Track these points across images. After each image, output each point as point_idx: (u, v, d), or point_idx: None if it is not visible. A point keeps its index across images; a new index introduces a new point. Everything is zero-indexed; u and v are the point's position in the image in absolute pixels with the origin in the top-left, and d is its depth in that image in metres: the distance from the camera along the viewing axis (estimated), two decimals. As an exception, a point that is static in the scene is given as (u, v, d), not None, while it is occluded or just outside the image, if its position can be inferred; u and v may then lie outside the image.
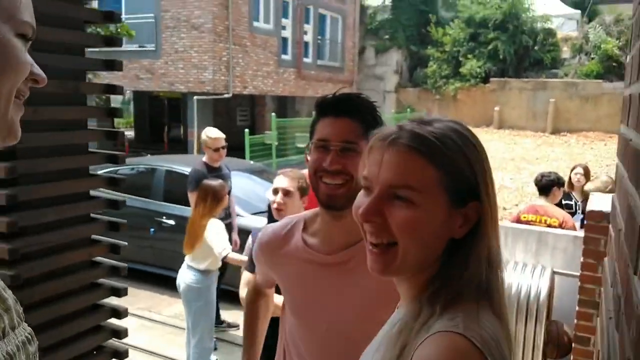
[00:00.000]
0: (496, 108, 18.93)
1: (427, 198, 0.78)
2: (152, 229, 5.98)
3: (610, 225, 1.31)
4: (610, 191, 4.25)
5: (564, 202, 5.04)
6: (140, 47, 14.62)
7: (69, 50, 1.97)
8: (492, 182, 0.83)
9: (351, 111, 1.30)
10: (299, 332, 1.42)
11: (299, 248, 1.40)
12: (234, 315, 5.18)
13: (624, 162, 0.98)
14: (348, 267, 1.32)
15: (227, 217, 4.80)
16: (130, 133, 20.03)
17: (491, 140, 16.81)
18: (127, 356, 2.25)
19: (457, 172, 0.79)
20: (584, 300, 2.89)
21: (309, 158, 1.34)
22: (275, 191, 2.73)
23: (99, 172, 7.21)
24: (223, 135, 4.76)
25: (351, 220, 1.31)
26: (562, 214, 4.35)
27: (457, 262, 0.80)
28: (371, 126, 1.27)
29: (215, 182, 3.85)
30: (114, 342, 2.24)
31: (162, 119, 20.30)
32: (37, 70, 0.68)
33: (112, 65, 2.09)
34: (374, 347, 0.89)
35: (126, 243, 2.23)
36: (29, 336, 0.72)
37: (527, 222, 4.21)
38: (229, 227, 4.71)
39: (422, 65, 21.21)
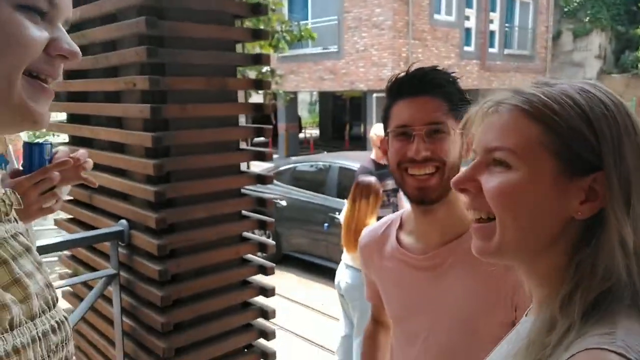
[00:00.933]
0: None
1: (528, 162, 0.66)
2: (327, 224, 6.15)
3: None
4: None
5: None
6: (324, 49, 15.23)
7: (217, 46, 1.97)
8: (631, 151, 0.63)
9: (431, 87, 1.12)
10: (400, 342, 1.29)
11: (394, 248, 1.28)
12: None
13: None
14: (442, 269, 1.18)
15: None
16: (315, 132, 21.05)
17: None
18: (275, 358, 2.20)
19: (571, 134, 0.64)
20: None
21: (387, 150, 1.18)
22: None
23: (282, 168, 7.61)
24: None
25: (444, 215, 1.18)
26: None
27: (591, 254, 0.64)
28: (456, 102, 1.13)
29: (371, 178, 3.76)
30: (262, 342, 2.21)
31: (344, 118, 20.95)
32: (66, 44, 0.60)
33: (260, 59, 2.05)
34: None
35: (274, 242, 2.17)
36: (56, 324, 0.67)
37: None
38: None
39: (631, 47, 18.49)
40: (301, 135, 19.81)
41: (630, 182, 0.63)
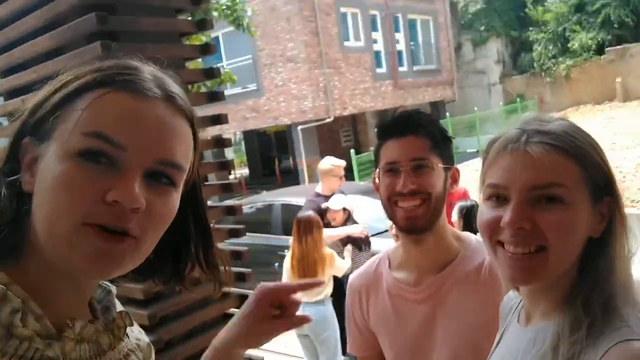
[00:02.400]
0: (618, 79, 17.26)
1: (575, 195, 0.75)
2: (276, 264, 6.12)
3: None
4: None
5: None
6: (243, 88, 15.37)
7: (163, 39, 2.01)
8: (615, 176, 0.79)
9: (415, 128, 1.24)
10: None
11: (390, 284, 1.34)
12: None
13: None
14: (440, 296, 1.25)
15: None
16: (245, 171, 20.99)
17: (618, 117, 15.26)
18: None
19: (593, 166, 0.76)
20: None
21: (378, 186, 1.29)
22: None
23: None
24: (344, 163, 4.73)
25: (434, 244, 1.25)
26: None
27: (603, 264, 0.76)
28: (438, 140, 1.25)
29: (309, 212, 3.84)
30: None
31: (272, 153, 21.07)
32: (124, 189, 0.57)
33: (212, 74, 2.12)
34: None
35: (250, 270, 2.22)
36: None
37: None
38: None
39: (525, 50, 20.04)
40: (231, 176, 19.71)
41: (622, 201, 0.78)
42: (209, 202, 2.19)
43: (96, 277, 0.64)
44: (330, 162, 4.65)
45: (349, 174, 12.40)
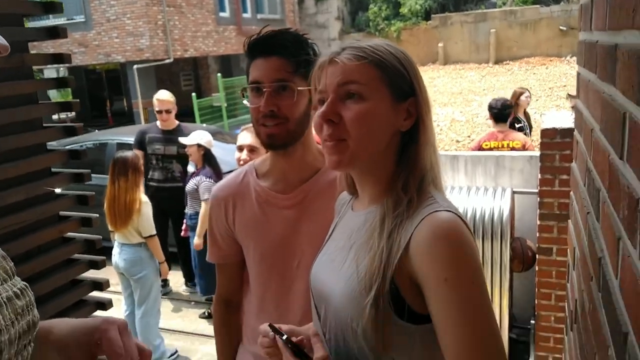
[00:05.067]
0: (440, 44, 19.09)
1: (373, 92, 0.90)
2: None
3: (575, 132, 1.38)
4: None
5: (516, 125, 5.22)
6: (68, 19, 13.86)
7: (7, 22, 1.86)
8: (423, 82, 0.96)
9: (280, 48, 1.26)
10: (268, 280, 1.40)
11: (259, 192, 1.40)
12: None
13: (589, 66, 1.03)
14: (306, 203, 1.35)
15: (167, 181, 4.84)
16: (69, 112, 19.17)
17: (438, 77, 16.99)
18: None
19: (393, 71, 0.91)
20: (544, 214, 3.05)
21: (247, 103, 1.33)
22: (240, 148, 2.67)
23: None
24: (169, 99, 4.71)
25: (300, 156, 1.37)
26: (522, 136, 4.52)
27: (413, 154, 0.93)
28: (302, 61, 1.26)
29: (127, 153, 3.73)
30: (99, 313, 2.24)
31: (102, 93, 19.52)
32: None
33: (56, 33, 1.99)
34: (342, 253, 0.97)
35: (97, 215, 2.18)
36: (19, 290, 0.73)
37: (490, 149, 4.34)
38: (170, 190, 4.78)
39: (363, 9, 21.02)
40: (54, 117, 17.87)
41: (429, 100, 0.95)
42: (50, 146, 2.08)
43: None
44: (155, 96, 4.69)
45: (190, 119, 12.13)
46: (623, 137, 0.63)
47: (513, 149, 4.28)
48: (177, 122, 4.89)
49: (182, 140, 4.37)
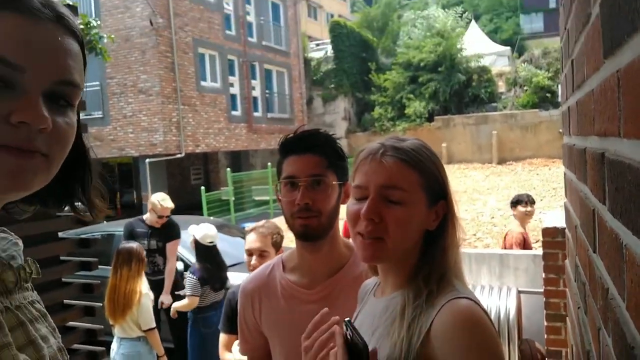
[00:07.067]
0: (443, 144, 19.64)
1: (413, 197, 0.96)
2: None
3: (566, 230, 1.43)
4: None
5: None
6: (86, 115, 14.51)
7: None
8: (450, 185, 1.03)
9: (314, 146, 1.36)
10: None
11: (284, 286, 1.42)
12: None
13: (570, 167, 1.10)
14: (331, 299, 1.36)
15: (155, 274, 4.88)
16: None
17: (443, 176, 17.26)
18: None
19: (431, 176, 0.98)
20: (550, 314, 3.01)
21: (280, 198, 1.39)
22: (250, 252, 2.53)
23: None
24: (171, 207, 4.91)
25: (326, 250, 1.41)
26: None
27: (438, 250, 0.98)
28: (334, 158, 1.37)
29: (132, 244, 3.79)
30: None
31: (113, 185, 19.92)
32: (29, 109, 0.57)
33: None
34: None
35: (100, 304, 2.20)
36: None
37: None
38: (156, 283, 4.78)
39: (368, 110, 21.93)
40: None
41: (456, 203, 1.01)
42: (60, 234, 2.15)
43: (12, 191, 0.61)
44: (157, 198, 4.86)
45: (198, 212, 12.28)
46: (594, 232, 0.69)
47: None
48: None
49: (190, 229, 4.42)
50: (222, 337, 2.48)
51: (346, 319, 0.93)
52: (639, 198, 0.43)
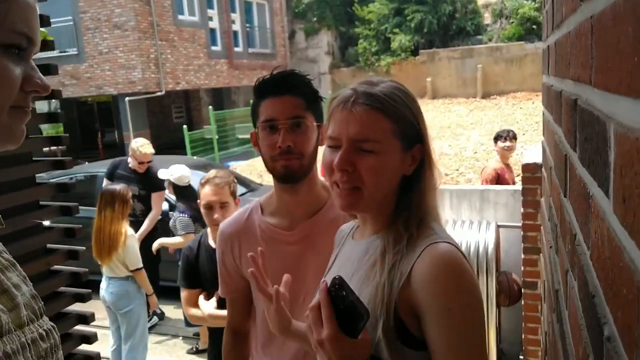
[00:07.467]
0: (428, 79, 19.44)
1: (386, 146, 0.94)
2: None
3: (542, 169, 1.44)
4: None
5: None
6: (61, 52, 14.01)
7: None
8: (427, 128, 1.02)
9: (292, 87, 1.33)
10: None
11: (263, 229, 1.43)
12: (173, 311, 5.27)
13: (548, 107, 1.10)
14: (310, 240, 1.38)
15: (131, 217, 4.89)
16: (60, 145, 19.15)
17: (426, 111, 17.20)
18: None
19: (405, 121, 0.96)
20: (527, 247, 3.10)
21: (259, 142, 1.37)
22: (209, 206, 2.36)
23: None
24: (151, 152, 4.84)
25: (307, 192, 1.41)
26: None
27: (416, 194, 0.99)
28: (311, 100, 1.35)
29: (116, 186, 3.77)
30: (84, 348, 2.23)
31: (94, 125, 19.59)
32: (38, 80, 0.66)
33: (47, 70, 2.05)
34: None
35: (84, 248, 2.20)
36: (44, 332, 0.71)
37: None
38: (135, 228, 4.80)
39: (352, 44, 21.44)
40: (45, 149, 17.87)
41: (432, 145, 1.01)
42: (44, 177, 2.12)
43: (16, 145, 0.69)
44: (137, 144, 4.79)
45: (181, 151, 12.19)
46: (566, 176, 0.69)
47: None
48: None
49: (159, 173, 4.40)
50: (184, 292, 2.43)
51: (337, 276, 0.89)
52: (605, 152, 0.42)
